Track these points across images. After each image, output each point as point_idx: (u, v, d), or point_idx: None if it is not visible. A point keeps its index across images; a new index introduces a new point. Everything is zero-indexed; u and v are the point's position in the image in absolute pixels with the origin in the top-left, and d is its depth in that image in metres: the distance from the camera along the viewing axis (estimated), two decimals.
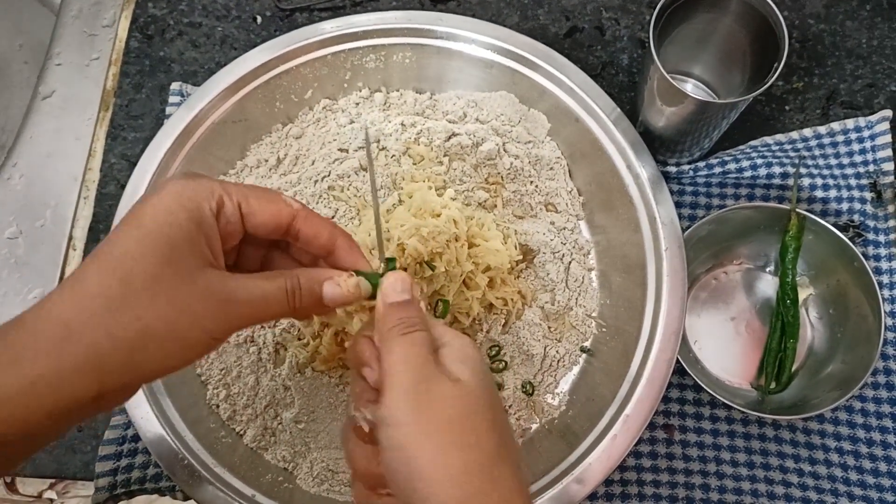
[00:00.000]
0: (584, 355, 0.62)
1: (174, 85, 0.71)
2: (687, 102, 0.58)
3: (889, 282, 0.63)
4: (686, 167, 0.67)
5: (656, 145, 0.65)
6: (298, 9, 0.76)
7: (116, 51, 0.75)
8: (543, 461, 0.56)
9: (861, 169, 0.66)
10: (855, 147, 0.67)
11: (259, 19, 0.76)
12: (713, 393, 0.58)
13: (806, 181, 0.65)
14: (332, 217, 0.62)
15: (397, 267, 0.45)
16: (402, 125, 0.64)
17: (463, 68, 0.66)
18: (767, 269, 0.66)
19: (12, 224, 0.71)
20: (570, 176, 0.67)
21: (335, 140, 0.65)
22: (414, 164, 0.63)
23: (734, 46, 0.63)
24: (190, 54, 0.75)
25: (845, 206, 0.65)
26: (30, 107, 0.74)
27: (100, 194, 0.70)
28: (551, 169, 0.66)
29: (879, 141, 0.66)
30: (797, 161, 0.66)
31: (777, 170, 0.65)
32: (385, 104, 0.68)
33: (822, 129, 0.68)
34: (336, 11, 0.76)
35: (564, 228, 0.65)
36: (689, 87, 0.70)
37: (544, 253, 0.63)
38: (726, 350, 0.64)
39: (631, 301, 0.60)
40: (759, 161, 0.65)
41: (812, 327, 0.64)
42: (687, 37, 0.63)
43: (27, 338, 0.34)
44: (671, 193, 0.61)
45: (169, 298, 0.36)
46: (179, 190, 0.38)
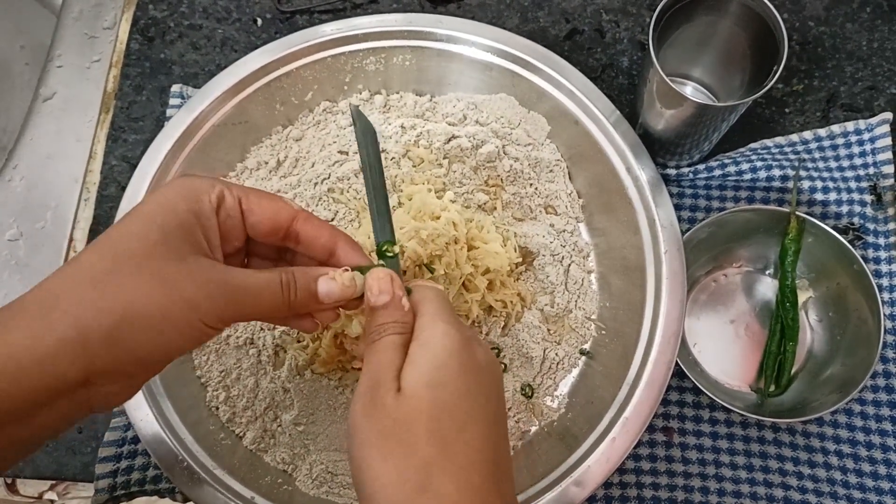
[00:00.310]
0: (584, 358, 0.62)
1: (175, 87, 0.71)
2: (686, 105, 0.58)
3: (889, 285, 0.63)
4: (686, 170, 0.67)
5: (656, 148, 0.65)
6: (299, 11, 0.76)
7: (117, 53, 0.76)
8: (542, 464, 0.56)
9: (861, 172, 0.66)
10: (855, 150, 0.67)
11: (259, 21, 0.76)
12: (712, 396, 0.58)
13: (806, 184, 0.65)
14: (332, 220, 0.63)
15: (400, 263, 0.46)
16: (402, 127, 0.64)
17: (463, 71, 0.67)
18: (767, 272, 0.66)
19: (13, 226, 0.71)
20: (570, 178, 0.67)
21: (335, 142, 0.65)
22: (414, 167, 0.63)
23: (734, 49, 0.63)
24: (190, 56, 0.75)
25: (845, 209, 0.65)
26: (30, 108, 0.75)
27: (100, 196, 0.71)
28: (551, 171, 0.66)
29: (879, 144, 0.66)
30: (797, 164, 0.66)
31: (777, 172, 0.65)
32: (385, 106, 0.68)
33: (822, 132, 0.68)
34: (336, 14, 0.76)
35: (564, 231, 0.65)
36: (689, 90, 0.70)
37: (544, 255, 0.63)
38: (726, 353, 0.64)
39: (630, 303, 0.60)
40: (759, 164, 0.65)
41: (812, 330, 0.64)
42: (687, 39, 0.63)
43: (17, 308, 0.35)
44: (671, 196, 0.61)
45: (156, 275, 0.36)
46: (181, 183, 0.39)
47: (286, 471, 0.58)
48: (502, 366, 0.61)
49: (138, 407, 0.55)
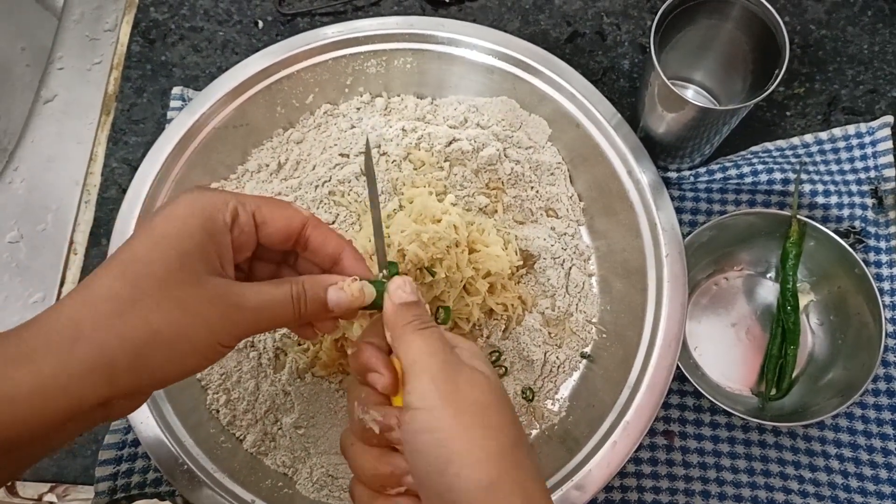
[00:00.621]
0: (585, 361, 0.62)
1: (175, 89, 0.71)
2: (688, 108, 0.58)
3: (890, 288, 0.63)
4: (687, 173, 0.67)
5: (657, 151, 0.65)
6: (300, 14, 0.76)
7: (118, 55, 0.76)
8: (543, 467, 0.56)
9: (862, 175, 0.66)
10: (856, 153, 0.67)
11: (260, 24, 0.76)
12: (713, 399, 0.58)
13: (807, 187, 0.65)
14: (333, 222, 0.62)
15: (399, 272, 0.46)
16: (403, 130, 0.64)
17: (464, 74, 0.67)
18: (768, 276, 0.66)
19: (13, 228, 0.71)
20: (571, 181, 0.67)
21: (336, 145, 0.65)
22: (415, 170, 0.63)
23: (735, 52, 0.63)
24: (191, 59, 0.75)
25: (846, 213, 0.65)
26: (31, 111, 0.75)
27: (101, 199, 0.71)
28: (552, 174, 0.66)
29: (881, 147, 0.66)
30: (798, 167, 0.66)
31: (778, 176, 0.65)
32: (386, 109, 0.68)
33: (824, 135, 0.68)
34: (337, 16, 0.76)
35: (565, 234, 0.65)
36: (690, 94, 0.70)
37: (545, 258, 0.63)
38: (727, 356, 0.64)
39: (631, 307, 0.60)
40: (760, 167, 0.65)
41: (813, 334, 0.64)
42: (688, 43, 0.63)
43: (40, 337, 0.35)
44: (672, 199, 0.61)
45: (177, 302, 0.36)
46: (193, 200, 0.39)
47: (287, 474, 0.58)
48: (503, 369, 0.61)
49: (139, 410, 0.55)
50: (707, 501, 0.59)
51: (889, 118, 0.66)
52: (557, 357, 0.61)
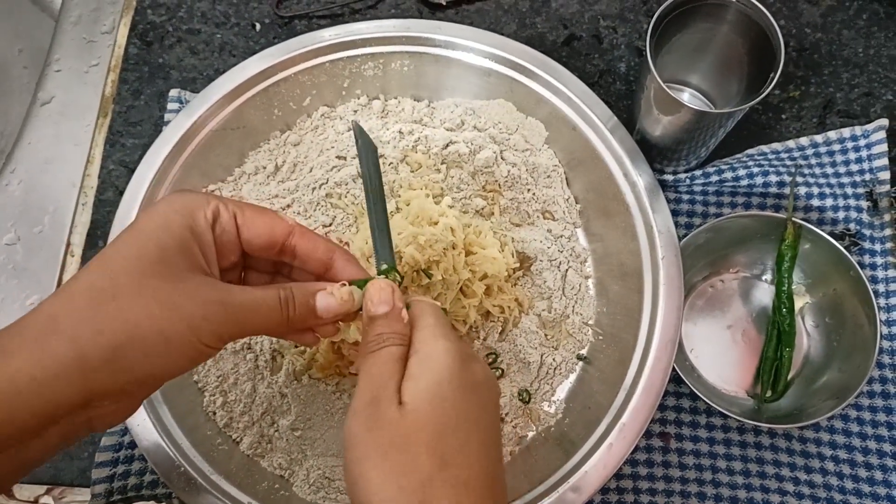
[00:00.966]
0: (581, 363, 0.62)
1: (173, 91, 0.71)
2: (683, 111, 0.58)
3: (885, 290, 0.63)
4: (683, 175, 0.67)
5: (653, 154, 0.65)
6: (297, 16, 0.76)
7: (115, 57, 0.76)
8: (540, 469, 0.56)
9: (857, 178, 0.66)
10: (851, 156, 0.67)
11: (258, 26, 0.76)
12: (709, 401, 0.58)
13: (802, 190, 0.65)
14: (330, 224, 0.63)
15: (398, 271, 0.46)
16: (400, 133, 0.64)
17: (461, 76, 0.67)
18: (764, 278, 0.66)
19: (10, 230, 0.71)
20: (568, 184, 0.67)
21: (333, 147, 0.65)
22: (411, 172, 0.63)
23: (731, 56, 0.63)
24: (189, 61, 0.75)
25: (841, 215, 0.65)
26: (29, 112, 0.75)
27: (98, 200, 0.71)
28: (548, 177, 0.66)
29: (876, 150, 0.66)
30: (794, 170, 0.66)
31: (773, 178, 0.65)
32: (383, 112, 0.68)
33: (819, 138, 0.68)
34: (335, 19, 0.76)
35: (561, 236, 0.65)
36: (686, 97, 0.70)
37: (541, 261, 0.63)
38: (722, 358, 0.64)
39: (627, 309, 0.60)
40: (756, 170, 0.66)
41: (808, 336, 0.64)
42: (684, 46, 0.63)
43: (15, 331, 0.34)
44: (668, 202, 0.61)
45: (155, 295, 0.35)
46: (175, 198, 0.39)
47: (283, 476, 0.58)
48: (499, 371, 0.61)
49: (135, 412, 0.55)
50: (703, 503, 0.59)
51: (884, 121, 0.67)
52: (554, 359, 0.62)
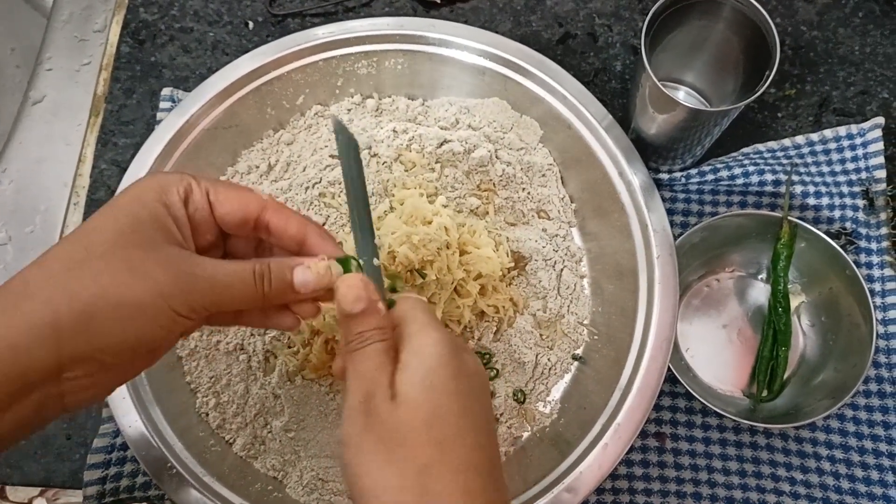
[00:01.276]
0: (576, 363, 0.62)
1: (165, 90, 0.71)
2: (679, 110, 0.58)
3: (881, 289, 0.63)
4: (678, 174, 0.67)
5: (648, 152, 0.64)
6: (290, 14, 0.75)
7: (107, 56, 0.75)
8: (535, 469, 0.56)
9: (853, 176, 0.66)
10: (847, 154, 0.67)
11: (251, 25, 0.76)
12: (704, 401, 0.58)
13: (798, 188, 0.65)
14: (324, 224, 0.62)
15: (382, 275, 0.45)
16: (394, 131, 0.64)
17: (455, 75, 0.66)
18: (759, 277, 0.66)
19: (1, 230, 0.70)
20: (563, 183, 0.66)
21: (326, 146, 0.65)
22: (405, 171, 0.63)
23: (726, 54, 0.63)
24: (181, 60, 0.74)
25: (837, 214, 0.65)
26: (20, 111, 0.74)
27: (90, 200, 0.70)
28: (543, 176, 0.66)
29: (872, 148, 0.66)
30: (789, 168, 0.66)
31: (769, 177, 0.65)
32: (377, 110, 0.67)
33: (815, 137, 0.68)
34: (328, 17, 0.76)
35: (556, 235, 0.64)
36: (682, 95, 0.70)
37: (536, 260, 0.63)
38: (718, 358, 0.64)
39: (623, 308, 0.60)
40: (752, 168, 0.65)
41: (804, 335, 0.64)
42: (679, 44, 0.63)
43: None
44: (663, 201, 0.61)
45: (127, 261, 0.36)
46: (149, 178, 0.41)
47: (276, 477, 0.58)
48: (494, 371, 0.61)
49: (127, 413, 0.54)
50: (699, 503, 0.59)
51: (880, 119, 0.67)
52: (549, 359, 0.61)
